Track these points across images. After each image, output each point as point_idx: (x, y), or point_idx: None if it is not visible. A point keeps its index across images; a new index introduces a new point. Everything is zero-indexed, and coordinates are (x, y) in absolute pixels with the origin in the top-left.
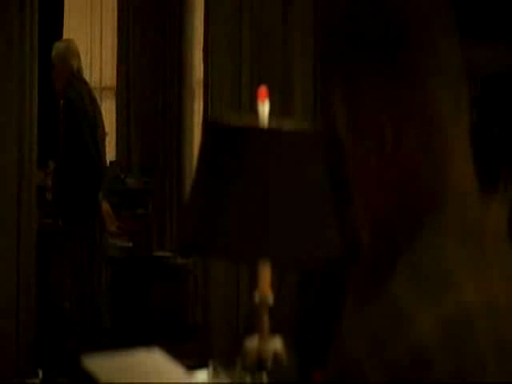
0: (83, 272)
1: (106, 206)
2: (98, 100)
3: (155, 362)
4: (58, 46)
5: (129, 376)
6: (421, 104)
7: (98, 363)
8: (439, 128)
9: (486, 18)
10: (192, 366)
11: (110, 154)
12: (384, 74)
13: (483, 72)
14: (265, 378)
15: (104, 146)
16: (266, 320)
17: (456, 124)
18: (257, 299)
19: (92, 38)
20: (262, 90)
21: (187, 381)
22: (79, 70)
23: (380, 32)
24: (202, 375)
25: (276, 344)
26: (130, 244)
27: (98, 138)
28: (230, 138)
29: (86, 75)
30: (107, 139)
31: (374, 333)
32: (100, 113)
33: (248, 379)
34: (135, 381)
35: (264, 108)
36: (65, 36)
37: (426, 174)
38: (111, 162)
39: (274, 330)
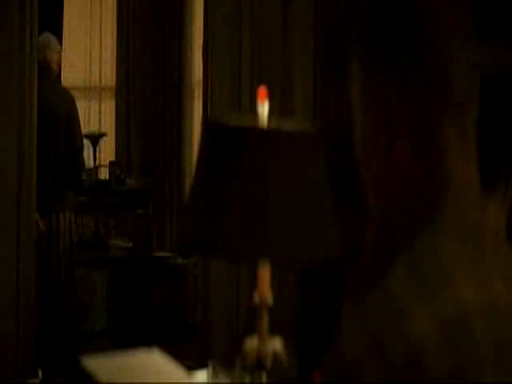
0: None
1: None
2: (79, 99)
3: (155, 362)
4: None
5: (128, 376)
6: (418, 105)
7: (97, 363)
8: (438, 129)
9: (486, 17)
10: (192, 366)
11: (110, 154)
12: (384, 75)
13: (483, 72)
14: (264, 378)
15: (54, 144)
16: (265, 320)
17: (457, 125)
18: (256, 299)
19: (92, 38)
20: (262, 90)
21: (187, 381)
22: (45, 62)
23: (380, 31)
24: (202, 375)
25: (275, 344)
26: (130, 244)
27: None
28: (229, 138)
29: (86, 75)
30: (106, 139)
31: (373, 333)
32: (65, 111)
33: (247, 379)
34: (135, 381)
35: (264, 108)
36: (65, 36)
37: (424, 175)
38: (111, 162)
39: (274, 330)
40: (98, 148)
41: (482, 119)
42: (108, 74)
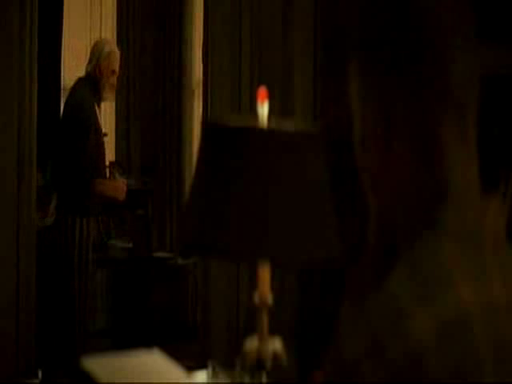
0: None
1: None
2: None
3: (155, 362)
4: None
5: (128, 376)
6: (417, 105)
7: (97, 364)
8: (438, 129)
9: (486, 17)
10: (192, 366)
11: (110, 154)
12: (383, 75)
13: (483, 72)
14: (264, 378)
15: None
16: (265, 320)
17: (457, 125)
18: (256, 299)
19: (92, 38)
20: (262, 91)
21: (187, 381)
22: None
23: (380, 31)
24: (202, 375)
25: (275, 344)
26: (130, 244)
27: None
28: (229, 138)
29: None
30: (106, 139)
31: (372, 333)
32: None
33: (247, 379)
34: (135, 381)
35: (263, 108)
36: (65, 36)
37: (424, 175)
38: (111, 163)
39: (274, 330)
40: None
41: (482, 119)
42: None
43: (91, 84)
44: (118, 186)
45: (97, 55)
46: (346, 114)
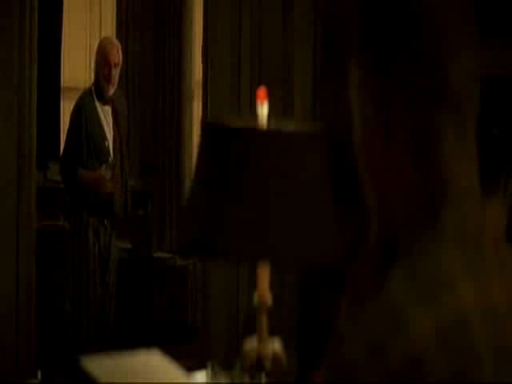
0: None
1: None
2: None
3: (154, 362)
4: None
5: (128, 377)
6: (417, 106)
7: (96, 364)
8: (438, 130)
9: (485, 17)
10: (191, 366)
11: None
12: (383, 75)
13: (483, 72)
14: (264, 378)
15: None
16: (265, 320)
17: (457, 125)
18: (256, 299)
19: (92, 39)
20: (262, 91)
21: (187, 381)
22: None
23: (380, 31)
24: (202, 376)
25: (275, 345)
26: (130, 245)
27: None
28: (229, 138)
29: (86, 75)
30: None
31: (371, 334)
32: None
33: (247, 380)
34: (134, 381)
35: (263, 109)
36: (64, 36)
37: (424, 175)
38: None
39: (274, 331)
40: None
41: (482, 119)
42: None
43: (95, 80)
44: (93, 178)
45: (96, 53)
46: (345, 114)
